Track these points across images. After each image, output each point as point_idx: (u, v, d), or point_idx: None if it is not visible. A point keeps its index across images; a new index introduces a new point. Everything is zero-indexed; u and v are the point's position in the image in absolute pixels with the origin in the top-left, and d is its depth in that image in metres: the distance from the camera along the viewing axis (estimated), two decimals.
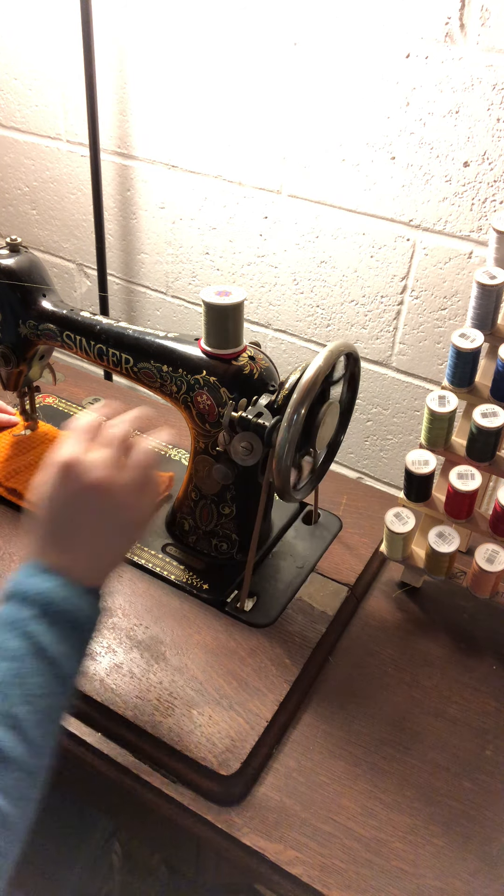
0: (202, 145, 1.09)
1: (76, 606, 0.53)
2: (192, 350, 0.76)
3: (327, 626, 0.77)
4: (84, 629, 0.54)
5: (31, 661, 0.50)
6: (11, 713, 0.47)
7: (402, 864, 0.59)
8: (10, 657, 0.49)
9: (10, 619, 0.51)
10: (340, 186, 1.00)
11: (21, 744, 0.47)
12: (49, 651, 0.50)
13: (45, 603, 0.51)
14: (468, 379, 0.74)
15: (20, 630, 0.50)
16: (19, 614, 0.51)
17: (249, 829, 0.61)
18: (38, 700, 0.49)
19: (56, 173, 1.31)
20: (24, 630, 0.50)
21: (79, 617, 0.53)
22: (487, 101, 0.85)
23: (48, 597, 0.52)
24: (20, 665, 0.49)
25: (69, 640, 0.52)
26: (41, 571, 0.53)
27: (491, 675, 0.75)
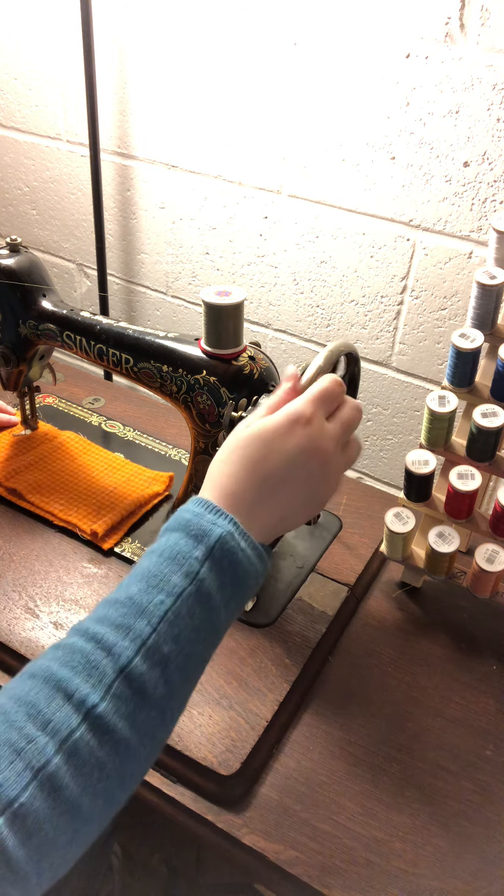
0: (202, 145, 1.09)
1: (245, 558, 0.50)
2: (192, 350, 0.76)
3: (327, 626, 0.77)
4: (248, 585, 0.51)
5: (190, 604, 0.48)
6: (161, 651, 0.46)
7: (402, 864, 0.59)
8: (170, 592, 0.48)
9: (177, 552, 0.49)
10: (340, 186, 1.00)
11: (162, 684, 0.46)
12: (212, 599, 0.49)
13: (215, 545, 0.49)
14: (468, 379, 0.74)
15: (187, 568, 0.48)
16: (188, 550, 0.49)
17: (249, 829, 0.61)
18: (187, 644, 0.48)
19: (56, 173, 1.31)
20: (191, 570, 0.48)
21: (248, 571, 0.51)
22: (487, 101, 0.85)
23: (221, 541, 0.50)
24: (180, 604, 0.47)
25: (231, 591, 0.50)
26: (214, 510, 0.51)
27: (491, 675, 0.75)
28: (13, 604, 0.76)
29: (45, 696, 0.44)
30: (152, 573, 0.49)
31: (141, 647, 0.45)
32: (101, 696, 0.44)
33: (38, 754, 0.41)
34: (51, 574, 0.80)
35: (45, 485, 0.91)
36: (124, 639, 0.46)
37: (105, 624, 0.47)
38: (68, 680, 0.44)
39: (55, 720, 0.42)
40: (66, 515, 0.86)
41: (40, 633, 0.73)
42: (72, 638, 0.47)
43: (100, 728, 0.43)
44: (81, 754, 0.42)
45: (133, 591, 0.48)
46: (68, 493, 0.90)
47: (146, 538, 0.86)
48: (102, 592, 0.79)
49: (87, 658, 0.45)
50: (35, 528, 0.87)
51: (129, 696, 0.44)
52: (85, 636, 0.47)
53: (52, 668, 0.45)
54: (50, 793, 0.41)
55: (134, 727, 0.44)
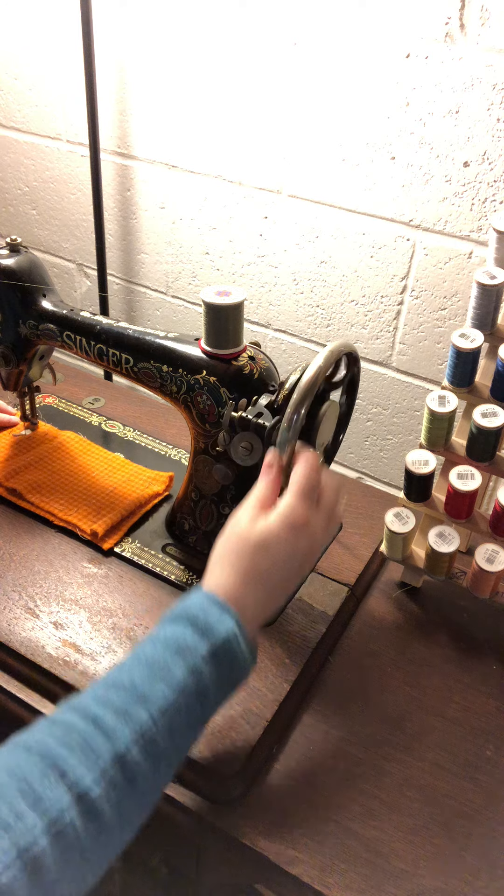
0: (202, 145, 1.09)
1: (243, 657, 0.52)
2: (192, 350, 0.76)
3: (327, 626, 0.77)
4: (239, 683, 0.54)
5: (189, 700, 0.49)
6: (157, 743, 0.47)
7: (402, 864, 0.59)
8: (172, 685, 0.49)
9: (183, 645, 0.51)
10: (340, 186, 1.00)
11: (152, 775, 0.46)
12: (208, 697, 0.50)
13: (220, 645, 0.51)
14: (468, 379, 0.74)
15: (191, 663, 0.50)
16: (194, 645, 0.51)
17: (249, 829, 0.61)
18: (179, 738, 0.49)
19: (56, 173, 1.31)
20: (195, 666, 0.50)
21: (242, 669, 0.53)
22: (487, 101, 0.85)
23: (226, 641, 0.51)
24: (179, 699, 0.48)
25: (225, 690, 0.52)
26: (222, 608, 0.53)
27: (491, 675, 0.75)
28: (13, 604, 0.76)
29: (39, 772, 0.43)
30: (157, 662, 0.49)
31: (138, 738, 0.46)
32: (95, 779, 0.43)
33: (26, 833, 0.40)
34: (51, 574, 0.80)
35: (45, 485, 0.91)
36: (124, 725, 0.46)
37: (106, 707, 0.47)
38: (64, 759, 0.44)
39: (47, 799, 0.42)
40: (66, 515, 0.86)
41: (40, 633, 0.73)
42: (69, 715, 0.47)
43: (89, 812, 0.43)
44: (67, 837, 0.42)
45: (136, 677, 0.49)
46: (68, 493, 0.90)
47: (146, 538, 0.86)
48: (102, 592, 0.79)
49: (85, 739, 0.45)
50: (35, 528, 0.87)
51: (120, 783, 0.44)
52: (84, 716, 0.46)
53: (48, 744, 0.45)
54: (31, 875, 0.40)
55: (119, 814, 0.44)
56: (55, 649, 0.72)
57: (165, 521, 0.89)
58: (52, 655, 0.71)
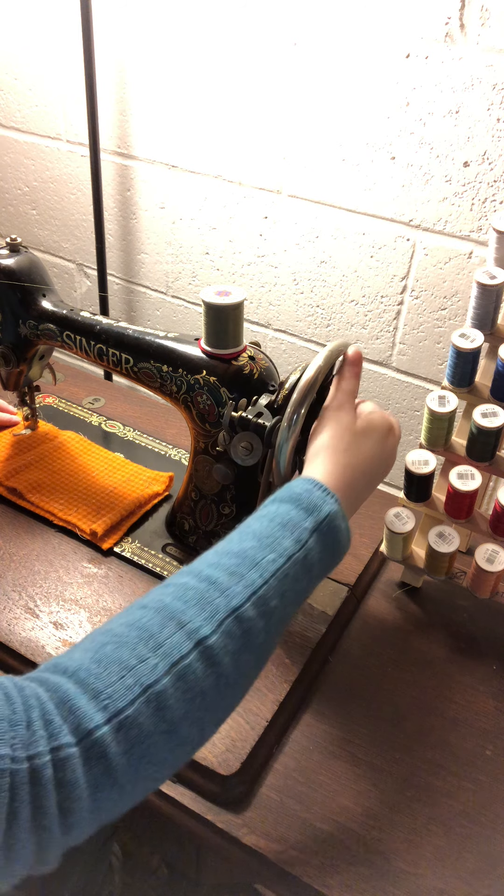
0: (202, 145, 1.09)
1: (344, 535, 0.55)
2: (192, 350, 0.76)
3: (327, 626, 0.77)
4: (336, 559, 0.55)
5: (297, 569, 0.51)
6: (269, 603, 0.49)
7: (402, 864, 0.59)
8: (282, 553, 0.51)
9: (288, 520, 0.53)
10: (340, 186, 1.00)
11: (264, 633, 0.48)
12: (313, 569, 0.52)
13: (324, 521, 0.53)
14: (468, 379, 0.74)
15: (298, 535, 0.52)
16: (300, 519, 0.53)
17: (249, 829, 0.61)
18: (288, 604, 0.50)
19: (56, 173, 1.31)
20: (301, 538, 0.52)
21: (341, 546, 0.55)
22: (487, 101, 0.85)
23: (330, 517, 0.53)
24: (289, 566, 0.50)
25: (326, 564, 0.54)
26: (323, 489, 0.55)
27: (491, 675, 0.75)
28: (13, 604, 0.76)
29: (159, 623, 0.45)
30: (265, 534, 0.52)
31: (252, 595, 0.48)
32: (213, 629, 0.46)
33: (149, 673, 0.43)
34: (51, 574, 0.80)
35: (45, 484, 0.91)
36: (237, 584, 0.48)
37: (219, 569, 0.49)
38: (182, 611, 0.46)
39: (167, 644, 0.44)
40: (66, 515, 0.86)
41: (40, 633, 0.73)
42: (183, 578, 0.49)
43: (208, 659, 0.45)
44: (188, 680, 0.44)
45: (246, 546, 0.51)
46: (68, 493, 0.90)
47: (146, 538, 0.86)
48: (102, 592, 0.79)
49: (202, 594, 0.47)
50: (35, 528, 0.87)
51: (237, 635, 0.46)
52: (198, 577, 0.49)
53: (164, 600, 0.47)
54: (155, 710, 0.43)
55: (236, 666, 0.46)
56: (55, 649, 0.72)
57: (165, 521, 0.89)
58: (53, 655, 0.71)
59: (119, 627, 0.46)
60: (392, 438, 0.63)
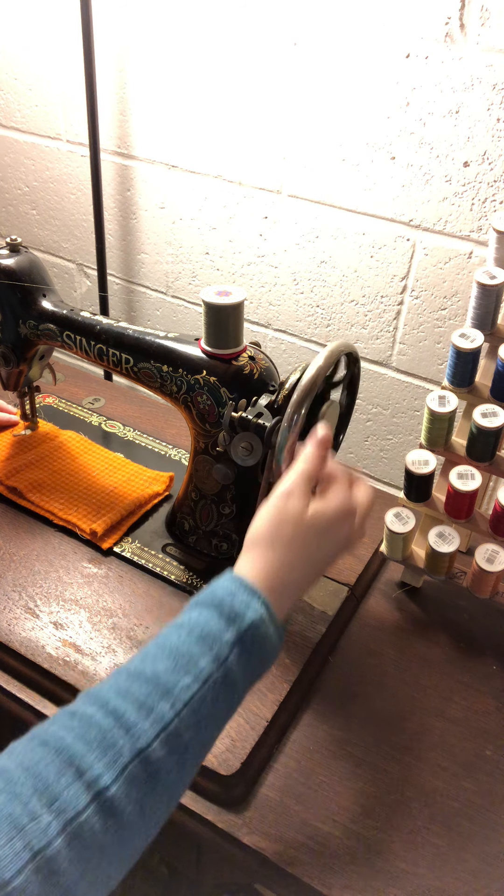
0: (202, 145, 1.09)
1: (271, 644, 0.51)
2: (192, 350, 0.76)
3: (327, 626, 0.77)
4: (267, 668, 0.52)
5: (215, 691, 0.47)
6: (182, 738, 0.45)
7: (402, 864, 0.59)
8: (197, 677, 0.47)
9: (207, 632, 0.49)
10: (340, 186, 1.00)
11: (176, 770, 0.45)
12: (236, 685, 0.48)
13: (247, 631, 0.49)
14: (468, 379, 0.74)
15: (216, 651, 0.48)
16: (220, 631, 0.49)
17: (249, 829, 0.61)
18: (205, 731, 0.47)
19: (56, 173, 1.31)
20: (220, 654, 0.48)
21: (269, 655, 0.51)
22: (487, 101, 0.85)
23: (253, 626, 0.49)
24: (205, 691, 0.47)
25: (252, 676, 0.50)
26: (250, 592, 0.51)
27: (491, 675, 0.75)
28: (13, 604, 0.76)
29: (56, 770, 0.42)
30: (181, 652, 0.48)
31: (161, 732, 0.44)
32: (114, 777, 0.42)
33: (40, 835, 0.39)
34: (51, 574, 0.80)
35: (46, 484, 0.91)
36: (146, 720, 0.44)
37: (127, 700, 0.45)
38: (82, 756, 0.42)
39: (62, 798, 0.40)
40: (66, 514, 0.86)
41: (40, 633, 0.73)
42: (89, 708, 0.45)
43: (107, 811, 0.41)
44: (84, 838, 0.40)
45: (159, 669, 0.47)
46: (68, 493, 0.90)
47: (146, 538, 0.86)
48: (102, 592, 0.79)
49: (105, 735, 0.43)
50: (35, 528, 0.87)
51: (142, 780, 0.43)
52: (104, 710, 0.45)
53: (66, 741, 0.43)
54: (46, 877, 0.38)
55: (141, 812, 0.43)
56: (55, 649, 0.72)
57: (165, 521, 0.89)
58: (52, 655, 0.71)
59: (16, 771, 0.41)
60: (349, 522, 0.56)
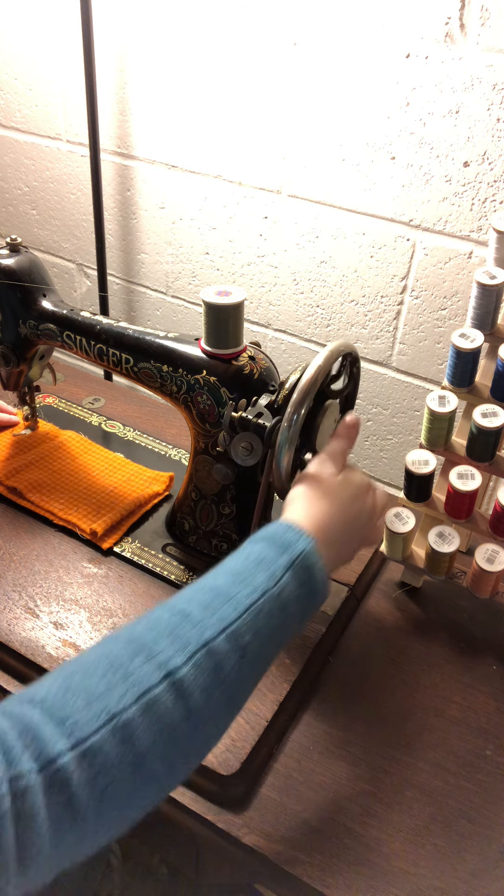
0: (202, 145, 1.09)
1: (319, 574, 0.54)
2: (192, 350, 0.76)
3: (327, 626, 0.77)
4: (317, 603, 0.54)
5: (272, 605, 0.50)
6: (243, 638, 0.48)
7: (402, 864, 0.59)
8: (256, 589, 0.50)
9: (262, 557, 0.52)
10: (340, 186, 1.00)
11: (237, 669, 0.47)
12: (289, 607, 0.51)
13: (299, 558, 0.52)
14: (468, 379, 0.74)
15: (272, 571, 0.51)
16: (275, 556, 0.52)
17: (249, 829, 0.61)
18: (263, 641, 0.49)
19: (56, 173, 1.31)
20: (275, 574, 0.51)
21: (317, 585, 0.54)
22: (487, 101, 0.85)
23: (305, 554, 0.53)
24: (263, 602, 0.49)
25: (304, 604, 0.53)
26: (297, 530, 0.55)
27: (491, 675, 0.75)
28: (13, 604, 0.76)
29: (129, 653, 0.45)
30: (238, 570, 0.51)
31: (225, 629, 0.47)
32: (184, 661, 0.45)
33: (116, 701, 0.42)
34: (51, 574, 0.80)
35: (46, 484, 0.91)
36: (211, 617, 0.47)
37: (193, 603, 0.48)
38: (153, 642, 0.45)
39: (136, 674, 0.43)
40: (66, 514, 0.86)
41: (40, 633, 0.73)
42: (157, 611, 0.49)
43: (178, 691, 0.44)
44: (157, 711, 0.43)
45: (221, 583, 0.50)
46: (68, 493, 0.90)
47: (146, 538, 0.86)
48: (102, 592, 0.79)
49: (174, 627, 0.46)
50: (35, 528, 0.87)
51: (209, 669, 0.45)
52: (171, 610, 0.48)
53: (136, 631, 0.47)
54: (121, 740, 0.41)
55: (207, 701, 0.45)
56: (55, 649, 0.72)
57: (165, 521, 0.89)
58: (52, 655, 0.71)
59: (89, 657, 0.45)
60: (371, 497, 0.63)
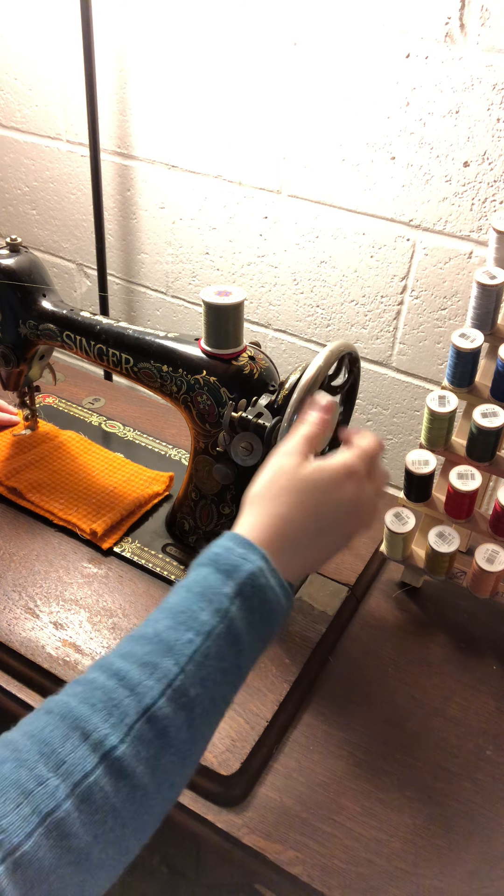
0: (202, 145, 1.09)
1: (274, 596, 0.49)
2: (192, 350, 0.76)
3: (327, 626, 0.77)
4: (275, 624, 0.50)
5: (220, 644, 0.46)
6: (188, 693, 0.44)
7: (402, 864, 0.59)
8: (199, 631, 0.45)
9: (206, 587, 0.47)
10: (340, 186, 1.00)
11: (186, 728, 0.43)
12: (241, 640, 0.47)
13: (245, 582, 0.47)
14: (468, 379, 0.74)
15: (216, 605, 0.46)
16: (219, 585, 0.47)
17: (249, 829, 0.61)
18: (214, 687, 0.45)
19: (56, 173, 1.31)
20: (221, 606, 0.46)
21: (274, 610, 0.49)
22: (487, 101, 0.85)
23: (251, 577, 0.48)
24: (209, 644, 0.45)
25: (259, 631, 0.48)
26: (246, 546, 0.49)
27: (491, 675, 0.75)
28: (13, 604, 0.76)
29: (61, 735, 0.41)
30: (180, 609, 0.47)
31: (167, 688, 0.43)
32: (121, 737, 0.41)
33: (48, 798, 0.38)
34: (51, 574, 0.80)
35: (46, 484, 0.91)
36: (149, 678, 0.43)
37: (130, 660, 0.44)
38: (86, 718, 0.41)
39: (69, 761, 0.40)
40: (66, 514, 0.86)
41: (40, 633, 0.73)
42: (93, 674, 0.45)
43: (117, 772, 0.40)
44: (95, 799, 0.39)
45: (160, 628, 0.46)
46: (68, 493, 0.90)
47: (146, 538, 0.86)
48: (102, 592, 0.79)
49: (109, 696, 0.43)
50: (35, 528, 0.87)
51: (151, 738, 0.42)
52: (107, 672, 0.44)
53: (69, 705, 0.43)
54: (57, 840, 0.38)
55: (153, 772, 0.42)
56: (55, 649, 0.72)
57: (165, 521, 0.89)
58: (52, 655, 0.71)
59: (22, 739, 0.41)
60: (353, 484, 0.53)
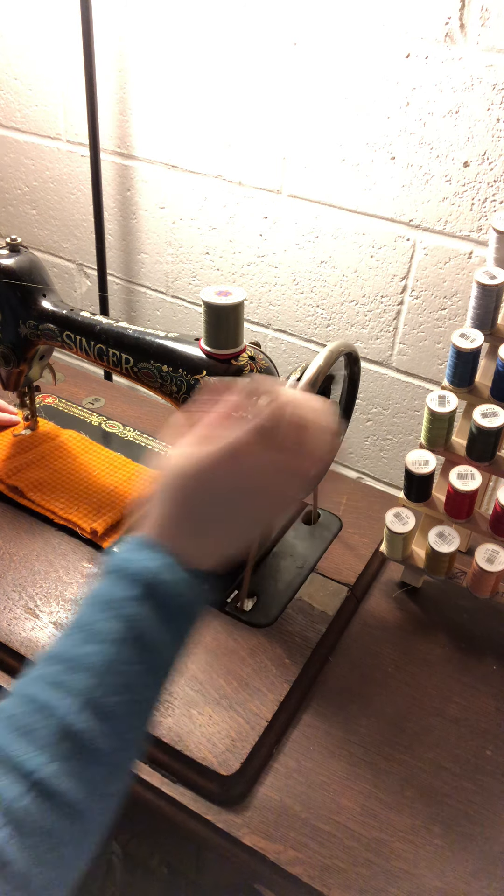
0: (202, 145, 1.09)
1: (183, 590, 0.47)
2: (192, 350, 0.76)
3: (327, 626, 0.77)
4: (189, 616, 0.49)
5: (127, 649, 0.45)
6: (102, 703, 0.43)
7: (402, 864, 0.59)
8: (104, 640, 0.45)
9: (108, 598, 0.46)
10: (340, 186, 1.00)
11: (109, 737, 0.43)
12: (147, 638, 0.46)
13: (149, 583, 0.46)
14: (468, 379, 0.74)
15: (118, 611, 0.45)
16: (119, 593, 0.46)
17: (249, 829, 0.61)
18: (133, 691, 0.45)
19: (56, 173, 1.31)
20: (123, 612, 0.45)
21: (184, 602, 0.48)
22: (487, 101, 0.85)
23: (154, 577, 0.46)
24: (116, 651, 0.44)
25: (171, 626, 0.47)
26: (148, 547, 0.48)
27: (491, 675, 0.75)
28: (13, 604, 0.76)
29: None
30: (84, 622, 0.46)
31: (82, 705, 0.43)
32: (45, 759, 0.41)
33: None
34: (51, 574, 0.80)
35: (46, 483, 0.91)
36: (64, 697, 0.43)
37: (39, 683, 0.44)
38: (5, 747, 0.41)
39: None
40: (67, 514, 0.86)
41: (40, 633, 0.73)
42: (5, 702, 0.44)
43: (45, 794, 0.40)
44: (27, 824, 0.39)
45: (67, 645, 0.46)
46: (69, 492, 0.90)
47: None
48: None
49: (23, 721, 0.42)
50: (35, 527, 0.87)
51: (72, 754, 0.42)
52: (20, 698, 0.44)
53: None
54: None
55: (84, 786, 0.42)
56: None
57: None
58: None
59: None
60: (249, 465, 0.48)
